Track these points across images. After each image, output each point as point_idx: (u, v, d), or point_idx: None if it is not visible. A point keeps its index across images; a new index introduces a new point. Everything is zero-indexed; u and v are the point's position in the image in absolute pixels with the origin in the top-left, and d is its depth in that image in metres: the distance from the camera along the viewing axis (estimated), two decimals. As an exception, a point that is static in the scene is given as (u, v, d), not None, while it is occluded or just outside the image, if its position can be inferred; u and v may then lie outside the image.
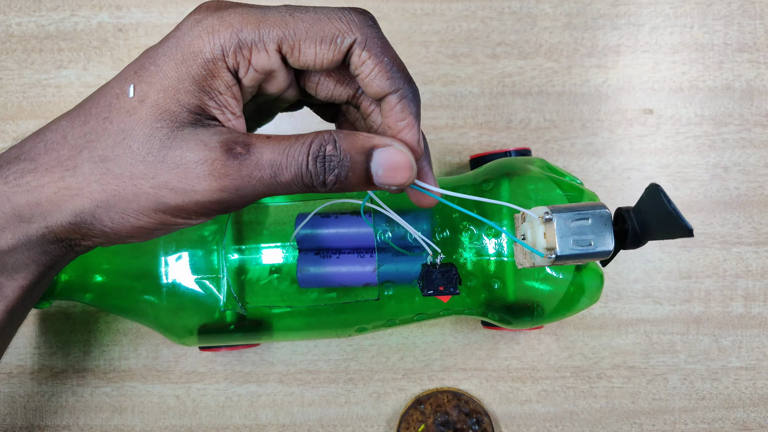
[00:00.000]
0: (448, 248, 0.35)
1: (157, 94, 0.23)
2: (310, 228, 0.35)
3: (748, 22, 0.44)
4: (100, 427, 0.43)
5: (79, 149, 0.23)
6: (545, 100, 0.44)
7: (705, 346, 0.44)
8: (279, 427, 0.43)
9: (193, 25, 0.23)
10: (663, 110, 0.44)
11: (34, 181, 0.24)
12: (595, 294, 0.36)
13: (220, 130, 0.23)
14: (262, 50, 0.23)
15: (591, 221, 0.27)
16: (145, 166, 0.23)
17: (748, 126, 0.44)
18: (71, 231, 0.24)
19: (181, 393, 0.43)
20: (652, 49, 0.44)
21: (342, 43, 0.23)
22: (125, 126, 0.23)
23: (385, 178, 0.23)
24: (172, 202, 0.23)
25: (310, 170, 0.23)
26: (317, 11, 0.23)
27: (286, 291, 0.36)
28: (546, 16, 0.44)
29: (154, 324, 0.37)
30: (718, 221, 0.44)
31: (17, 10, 0.44)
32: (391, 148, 0.23)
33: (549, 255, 0.27)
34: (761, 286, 0.44)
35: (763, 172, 0.44)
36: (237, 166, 0.22)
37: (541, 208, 0.27)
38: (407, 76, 0.24)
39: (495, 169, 0.37)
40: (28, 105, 0.44)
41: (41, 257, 0.25)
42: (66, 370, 0.43)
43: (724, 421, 0.43)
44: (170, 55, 0.23)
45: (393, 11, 0.44)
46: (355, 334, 0.38)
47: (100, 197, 0.23)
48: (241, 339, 0.38)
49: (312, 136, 0.23)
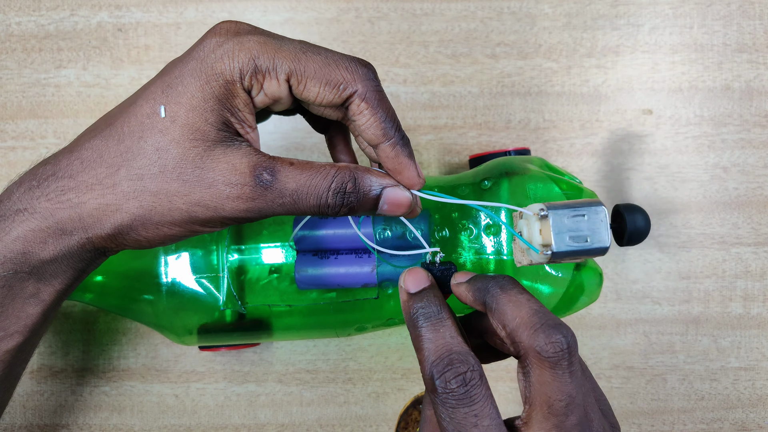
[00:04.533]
0: (447, 248, 0.35)
1: (186, 113, 0.25)
2: (308, 229, 0.35)
3: (748, 23, 0.44)
4: (99, 426, 0.43)
5: (117, 167, 0.25)
6: (544, 101, 0.44)
7: (704, 347, 0.44)
8: (278, 426, 0.43)
9: (215, 48, 0.25)
10: (662, 110, 0.44)
11: (76, 198, 0.25)
12: (594, 293, 0.36)
13: (248, 151, 0.25)
14: (273, 78, 0.25)
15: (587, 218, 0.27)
16: (179, 184, 0.25)
17: (748, 126, 0.44)
18: (108, 241, 0.26)
19: (180, 392, 0.43)
20: (651, 50, 0.44)
21: (344, 90, 0.26)
22: (160, 145, 0.25)
23: (388, 211, 0.27)
24: (202, 216, 0.26)
25: (329, 203, 0.26)
26: (328, 56, 0.26)
27: (285, 291, 0.36)
28: (545, 16, 0.44)
29: (153, 323, 0.37)
30: (717, 222, 0.44)
31: (17, 10, 0.44)
32: (397, 188, 0.27)
33: (545, 251, 0.27)
34: (760, 286, 0.44)
35: (762, 172, 0.44)
36: (263, 192, 0.25)
37: (537, 204, 0.27)
38: (398, 125, 0.27)
39: (494, 168, 0.37)
40: (28, 104, 0.44)
41: (77, 264, 0.27)
42: (65, 370, 0.43)
43: (722, 422, 0.43)
44: (196, 75, 0.25)
45: (392, 11, 0.44)
46: (354, 333, 0.38)
47: (138, 212, 0.25)
48: (240, 338, 0.38)
49: (333, 171, 0.26)
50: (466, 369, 0.23)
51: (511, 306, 0.24)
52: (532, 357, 0.23)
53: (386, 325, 0.38)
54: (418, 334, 0.25)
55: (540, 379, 0.23)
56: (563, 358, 0.23)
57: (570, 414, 0.23)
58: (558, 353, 0.23)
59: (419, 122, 0.44)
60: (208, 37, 0.26)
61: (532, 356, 0.23)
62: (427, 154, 0.44)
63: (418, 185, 0.28)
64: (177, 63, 0.26)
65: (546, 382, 0.23)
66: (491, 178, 0.36)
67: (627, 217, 0.36)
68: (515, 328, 0.24)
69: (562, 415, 0.23)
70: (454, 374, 0.23)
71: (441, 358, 0.24)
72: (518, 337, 0.24)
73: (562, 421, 0.23)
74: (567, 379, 0.23)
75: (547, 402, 0.23)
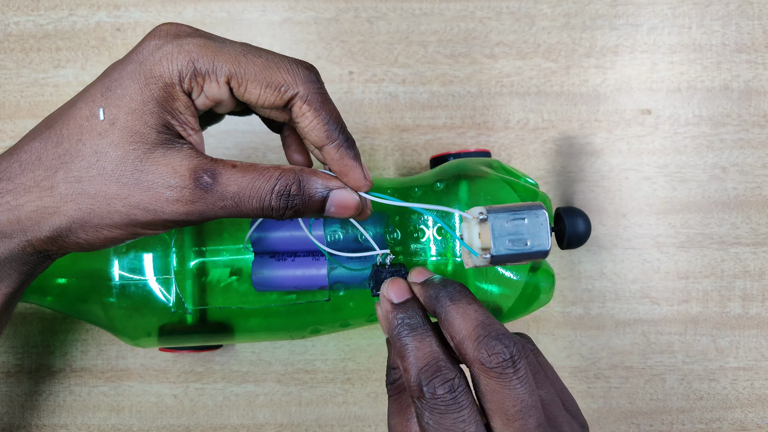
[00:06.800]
0: (406, 249, 0.35)
1: (126, 116, 0.25)
2: (264, 231, 0.35)
3: (746, 23, 0.44)
4: (98, 426, 0.43)
5: (54, 170, 0.25)
6: (543, 101, 0.44)
7: (703, 347, 0.44)
8: (276, 426, 0.43)
9: (154, 50, 0.25)
10: (661, 110, 0.44)
11: (14, 201, 0.25)
12: (548, 293, 0.36)
13: (188, 154, 0.25)
14: (213, 81, 0.25)
15: (527, 221, 0.27)
16: (118, 187, 0.25)
17: (746, 126, 0.44)
18: (49, 243, 0.26)
19: (179, 392, 0.43)
20: (650, 50, 0.44)
21: (285, 92, 0.26)
22: (98, 148, 0.25)
23: (336, 213, 0.27)
24: (142, 219, 0.25)
25: (272, 205, 0.26)
26: (269, 58, 0.26)
27: (245, 293, 0.36)
28: (544, 16, 0.44)
29: (106, 326, 0.36)
30: (716, 222, 0.44)
31: (15, 9, 0.44)
32: (344, 190, 0.27)
33: (484, 255, 0.27)
34: (759, 286, 0.44)
35: (761, 172, 0.44)
36: (203, 195, 0.25)
37: (477, 208, 0.27)
38: (342, 127, 0.27)
39: (449, 170, 0.37)
40: (26, 104, 0.44)
41: (21, 267, 0.27)
42: (64, 370, 0.43)
43: (721, 422, 0.44)
44: (134, 78, 0.25)
45: (391, 11, 0.44)
46: (309, 335, 0.38)
47: (76, 215, 0.25)
48: (200, 340, 0.37)
49: (277, 173, 0.26)
50: (454, 375, 0.23)
51: (459, 318, 0.24)
52: (477, 368, 0.24)
53: (341, 327, 0.38)
54: (403, 344, 0.25)
55: (489, 388, 0.23)
56: (508, 367, 0.23)
57: (528, 417, 0.23)
58: (501, 363, 0.23)
59: (418, 122, 0.44)
60: (148, 39, 0.26)
61: (477, 368, 0.24)
62: (426, 154, 0.44)
63: (364, 187, 0.28)
64: (117, 66, 0.26)
65: (495, 390, 0.23)
66: (444, 180, 0.36)
67: (567, 220, 0.36)
68: (461, 341, 0.24)
69: (521, 419, 0.23)
70: (442, 381, 0.23)
71: (429, 365, 0.24)
72: (464, 349, 0.24)
73: (522, 425, 0.23)
74: (515, 384, 0.23)
75: (502, 409, 0.23)
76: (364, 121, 0.44)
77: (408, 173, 0.44)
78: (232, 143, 0.44)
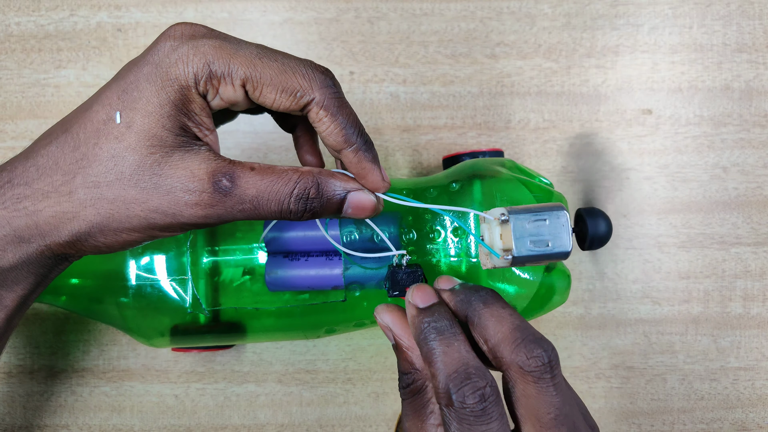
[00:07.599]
0: (418, 250, 0.35)
1: (142, 119, 0.25)
2: (279, 231, 0.35)
3: (747, 23, 0.44)
4: (99, 426, 0.43)
5: (73, 175, 0.25)
6: (544, 101, 0.44)
7: (704, 347, 0.44)
8: (277, 426, 0.43)
9: (169, 52, 0.25)
10: (662, 110, 0.44)
11: (32, 206, 0.25)
12: (564, 294, 0.36)
13: (206, 156, 0.25)
14: (229, 84, 0.25)
15: (549, 222, 0.27)
16: (137, 191, 0.25)
17: (747, 126, 0.44)
18: (67, 248, 0.26)
19: (180, 393, 0.43)
20: (651, 50, 0.44)
21: (301, 98, 0.26)
22: (116, 152, 0.25)
23: (353, 214, 0.27)
24: (161, 222, 0.25)
25: (291, 209, 0.26)
26: (285, 62, 0.26)
27: (259, 293, 0.36)
28: (545, 16, 0.44)
29: (121, 326, 0.36)
30: (717, 221, 0.44)
31: (16, 10, 0.44)
32: (361, 192, 0.27)
33: (506, 256, 0.27)
34: (760, 286, 0.44)
35: (762, 172, 0.44)
36: (222, 199, 0.25)
37: (498, 209, 0.27)
38: (360, 130, 0.27)
39: (463, 170, 0.37)
40: (27, 105, 0.44)
41: (38, 270, 0.27)
42: (65, 370, 0.43)
43: (722, 422, 0.44)
44: (151, 81, 0.25)
45: (392, 11, 0.44)
46: (324, 335, 0.38)
47: (95, 220, 0.25)
48: (213, 340, 0.37)
49: (296, 176, 0.26)
50: (485, 384, 0.22)
51: (493, 321, 0.24)
52: (514, 372, 0.23)
53: (355, 327, 0.38)
54: (430, 348, 0.24)
55: (525, 393, 0.23)
56: (546, 372, 0.23)
57: (560, 425, 0.23)
58: (540, 368, 0.23)
59: (419, 122, 0.44)
60: (163, 40, 0.25)
61: (514, 371, 0.23)
62: (427, 154, 0.44)
63: (382, 189, 0.28)
64: (132, 67, 0.25)
65: (531, 396, 0.23)
66: (459, 180, 0.36)
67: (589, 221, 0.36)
68: (497, 344, 0.24)
69: (554, 428, 0.23)
70: (472, 389, 0.22)
71: (458, 371, 0.23)
72: (500, 352, 0.23)
73: None
74: (552, 391, 0.23)
75: (536, 415, 0.23)
76: (364, 121, 0.44)
77: (408, 173, 0.44)
78: (233, 143, 0.44)
